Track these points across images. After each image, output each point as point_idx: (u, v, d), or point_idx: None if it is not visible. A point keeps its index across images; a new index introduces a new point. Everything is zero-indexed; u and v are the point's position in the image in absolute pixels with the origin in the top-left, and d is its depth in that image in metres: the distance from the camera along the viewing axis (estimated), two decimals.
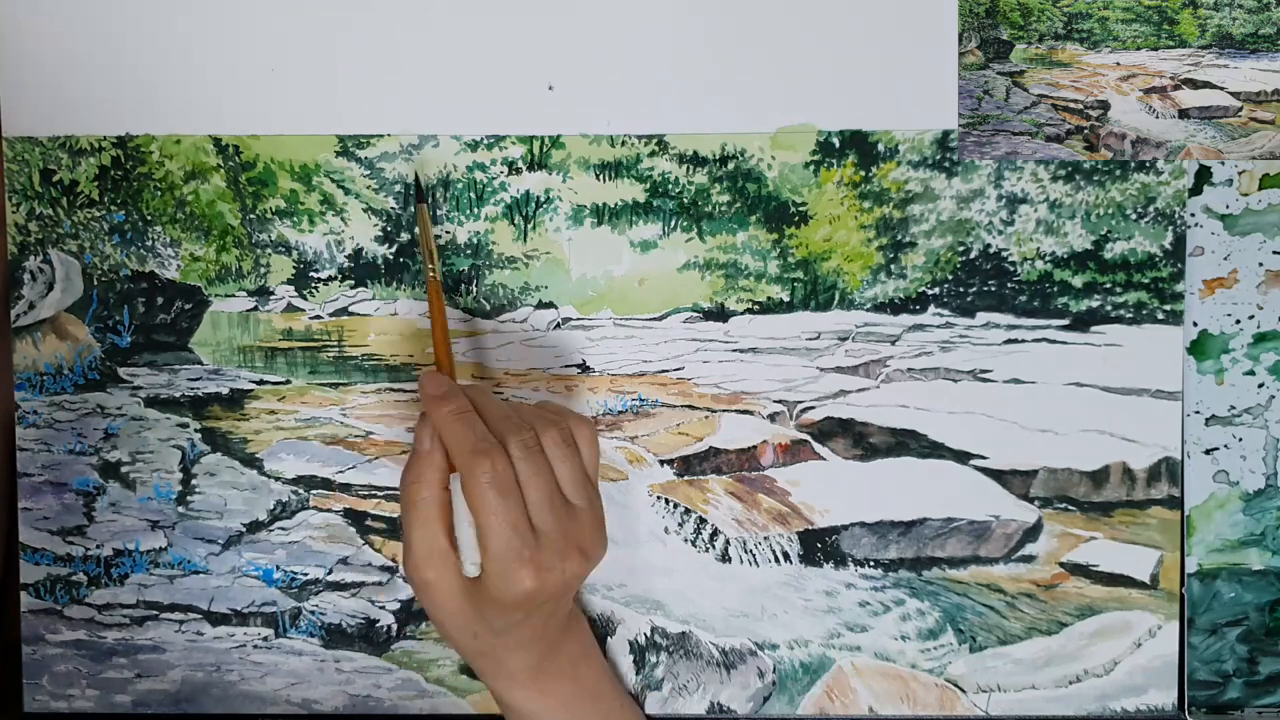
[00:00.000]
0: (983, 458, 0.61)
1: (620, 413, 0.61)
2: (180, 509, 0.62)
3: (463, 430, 0.52)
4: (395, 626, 0.62)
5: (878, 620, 0.61)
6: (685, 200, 0.60)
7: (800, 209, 0.60)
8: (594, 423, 0.59)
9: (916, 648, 0.61)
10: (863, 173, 0.60)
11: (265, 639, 0.62)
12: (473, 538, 0.51)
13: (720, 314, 0.61)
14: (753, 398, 0.61)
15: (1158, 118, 0.60)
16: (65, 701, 0.62)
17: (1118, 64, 0.60)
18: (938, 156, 0.60)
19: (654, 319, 0.61)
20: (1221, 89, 0.60)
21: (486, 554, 0.50)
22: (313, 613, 0.62)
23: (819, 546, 0.61)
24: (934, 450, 0.61)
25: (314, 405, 0.61)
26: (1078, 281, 0.60)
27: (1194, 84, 0.60)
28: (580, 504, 0.53)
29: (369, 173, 0.61)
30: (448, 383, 0.54)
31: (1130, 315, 0.60)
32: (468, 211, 0.61)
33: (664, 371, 0.61)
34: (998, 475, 0.61)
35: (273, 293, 0.61)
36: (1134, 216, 0.60)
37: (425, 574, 0.52)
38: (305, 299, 0.61)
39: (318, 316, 0.61)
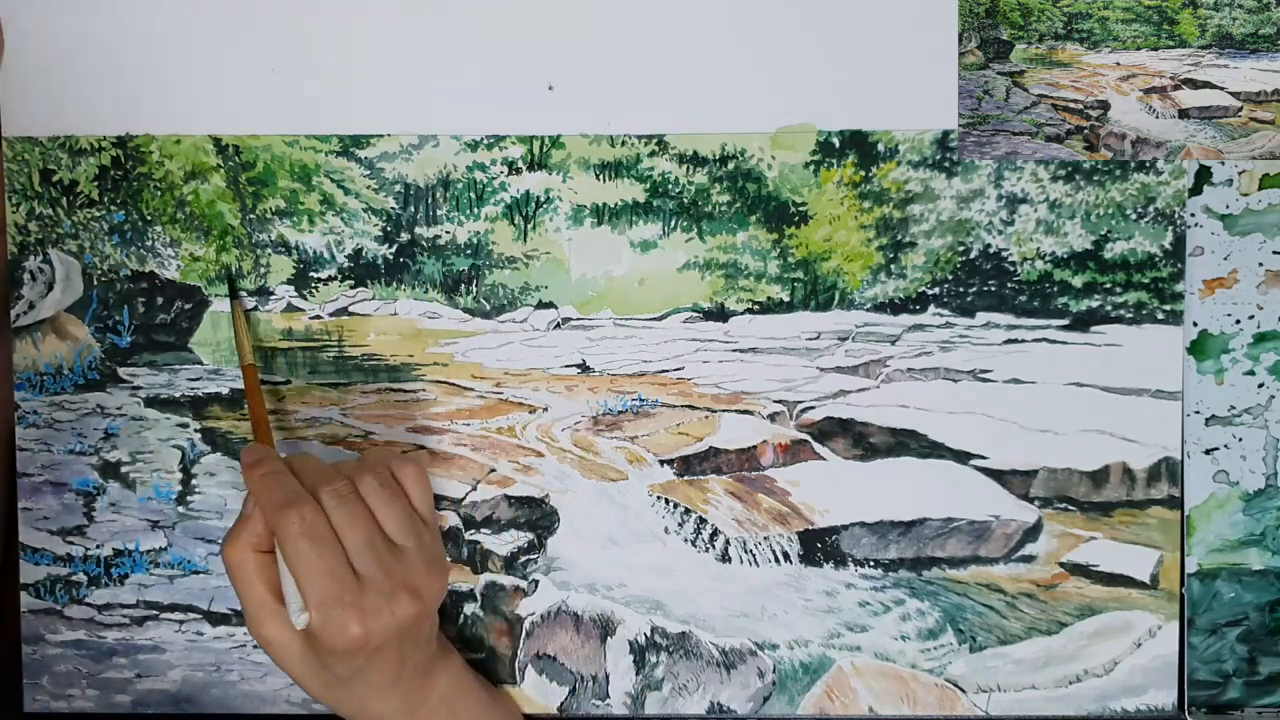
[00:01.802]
0: (983, 458, 0.61)
1: (620, 413, 0.61)
2: (180, 509, 0.62)
3: (273, 488, 0.52)
4: None
5: (878, 620, 0.61)
6: (685, 200, 0.60)
7: (800, 209, 0.60)
8: (423, 461, 0.59)
9: (916, 648, 0.61)
10: (863, 173, 0.60)
11: None
12: (295, 591, 0.51)
13: (720, 314, 0.61)
14: (753, 398, 0.61)
15: (1158, 118, 0.60)
16: (65, 701, 0.62)
17: (1118, 64, 0.60)
18: (938, 156, 0.60)
19: (654, 319, 0.61)
20: (1221, 89, 0.60)
21: (310, 603, 0.51)
22: None
23: (819, 546, 0.61)
24: (934, 450, 0.61)
25: (314, 405, 0.61)
26: (1078, 281, 0.60)
27: (1194, 84, 0.60)
28: (408, 544, 0.53)
29: (369, 173, 0.61)
30: (263, 450, 0.55)
31: (1130, 315, 0.60)
32: (468, 211, 0.61)
33: (664, 371, 0.61)
34: (998, 475, 0.61)
35: (273, 293, 0.61)
36: (1134, 216, 0.60)
37: (263, 631, 0.53)
38: (305, 299, 0.61)
39: (318, 316, 0.61)
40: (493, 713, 0.58)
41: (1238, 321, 0.60)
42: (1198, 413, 0.61)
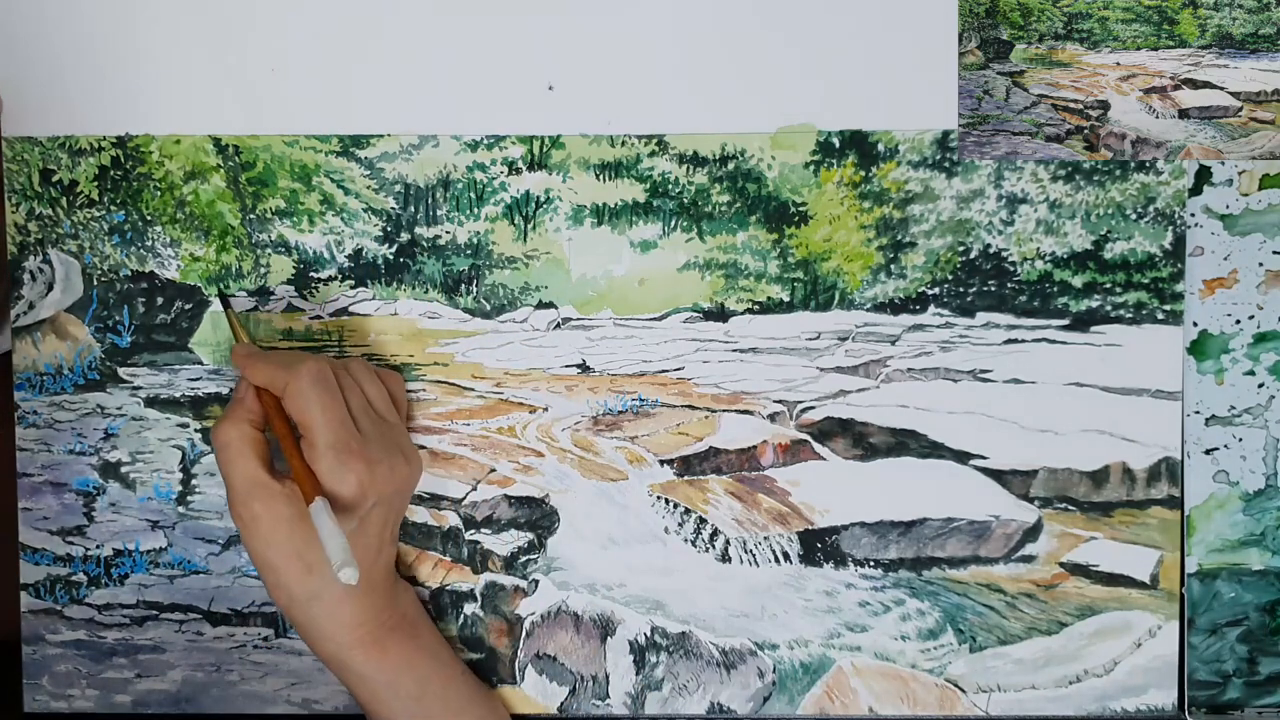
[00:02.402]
0: (983, 458, 0.61)
1: (620, 413, 0.61)
2: (180, 509, 0.62)
3: (274, 358, 0.54)
4: None
5: (878, 620, 0.61)
6: (685, 200, 0.60)
7: (800, 209, 0.60)
8: (402, 374, 0.61)
9: (916, 648, 0.61)
10: (863, 173, 0.60)
11: (265, 639, 0.62)
12: (339, 539, 0.49)
13: (720, 314, 0.61)
14: (753, 398, 0.61)
15: (1158, 118, 0.60)
16: (65, 701, 0.62)
17: (1118, 64, 0.60)
18: (938, 156, 0.60)
19: (654, 319, 0.61)
20: (1221, 89, 0.60)
21: (315, 452, 0.51)
22: None
23: (819, 546, 0.61)
24: (934, 450, 0.61)
25: None
26: (1078, 281, 0.60)
27: (1194, 84, 0.60)
28: (393, 420, 0.56)
29: (369, 173, 0.61)
30: (253, 347, 0.57)
31: (1130, 315, 0.60)
32: (468, 211, 0.61)
33: (664, 371, 0.61)
34: (998, 475, 0.61)
35: (273, 293, 0.61)
36: (1134, 216, 0.60)
37: (251, 508, 0.52)
38: (305, 299, 0.61)
39: (318, 316, 0.61)
40: (449, 648, 0.59)
41: (1238, 321, 0.60)
42: (1198, 413, 0.61)
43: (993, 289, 0.60)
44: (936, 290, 0.60)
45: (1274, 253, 0.60)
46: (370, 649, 0.54)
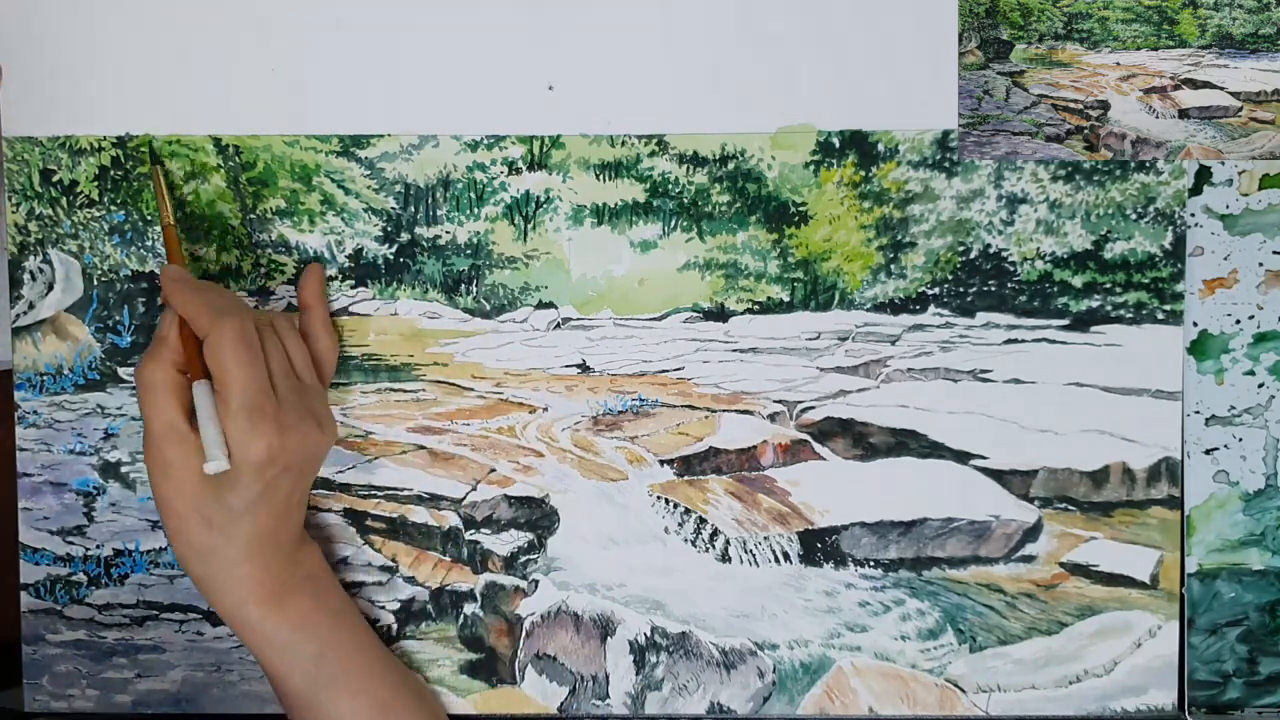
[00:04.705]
0: (983, 458, 0.61)
1: (620, 413, 0.61)
2: None
3: (207, 297, 0.54)
4: (395, 626, 0.62)
5: (878, 620, 0.61)
6: (685, 200, 0.60)
7: (800, 209, 0.60)
8: (336, 336, 0.60)
9: (916, 648, 0.61)
10: (863, 173, 0.60)
11: None
12: (216, 433, 0.51)
13: (720, 314, 0.61)
14: (753, 398, 0.61)
15: (1158, 118, 0.60)
16: (65, 701, 0.62)
17: (1118, 64, 0.60)
18: (938, 156, 0.60)
19: (654, 319, 0.61)
20: (1221, 89, 0.60)
21: (228, 411, 0.51)
22: None
23: (819, 546, 0.61)
24: (934, 450, 0.61)
25: None
26: (1078, 281, 0.60)
27: (1194, 84, 0.60)
28: (311, 384, 0.56)
29: (369, 173, 0.61)
30: (181, 269, 0.56)
31: (1130, 315, 0.60)
32: (468, 211, 0.61)
33: (664, 371, 0.61)
34: (998, 475, 0.61)
35: (273, 293, 0.61)
36: (1134, 216, 0.60)
37: (165, 453, 0.52)
38: None
39: None
40: (353, 609, 0.58)
41: (1238, 321, 0.60)
42: (1198, 413, 0.61)
43: (993, 289, 0.60)
44: (936, 290, 0.60)
45: (1274, 253, 0.60)
46: (267, 606, 0.54)
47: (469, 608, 0.62)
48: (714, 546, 0.61)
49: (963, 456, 0.61)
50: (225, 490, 0.52)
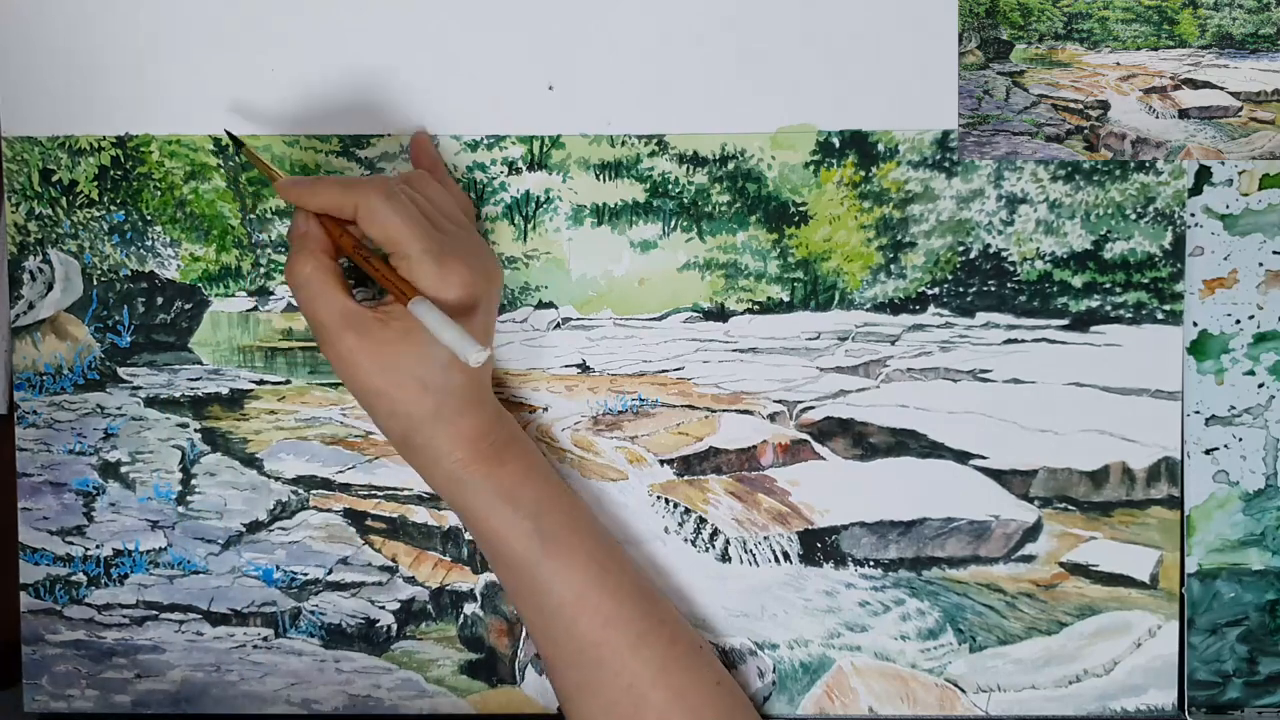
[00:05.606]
0: (983, 458, 0.61)
1: (620, 413, 0.61)
2: (180, 509, 0.62)
3: (334, 181, 0.52)
4: (395, 626, 0.62)
5: (878, 620, 0.61)
6: (685, 200, 0.60)
7: (800, 209, 0.60)
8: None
9: (916, 648, 0.61)
10: (863, 173, 0.60)
11: (265, 639, 0.62)
12: (456, 330, 0.48)
13: (720, 314, 0.61)
14: (753, 398, 0.61)
15: (1158, 118, 0.60)
16: (65, 701, 0.62)
17: (1118, 64, 0.60)
18: (938, 156, 0.60)
19: (654, 319, 0.61)
20: (1221, 89, 0.60)
21: (410, 264, 0.50)
22: (312, 613, 0.62)
23: (819, 546, 0.61)
24: (934, 450, 0.61)
25: (314, 405, 0.61)
26: (1077, 281, 0.60)
27: (1194, 84, 0.60)
28: (466, 223, 0.55)
29: (369, 173, 0.60)
30: (297, 177, 0.55)
31: (1130, 315, 0.60)
32: None
33: (664, 371, 0.61)
34: (998, 475, 0.61)
35: (273, 293, 0.61)
36: (1134, 216, 0.60)
37: (346, 341, 0.50)
38: None
39: None
40: (556, 469, 0.57)
41: (1238, 321, 0.60)
42: (1198, 413, 0.61)
43: (993, 289, 0.60)
44: (936, 290, 0.60)
45: (1274, 253, 0.60)
46: (490, 463, 0.53)
47: (469, 608, 0.62)
48: (714, 546, 0.61)
49: (962, 456, 0.61)
50: (429, 346, 0.50)
